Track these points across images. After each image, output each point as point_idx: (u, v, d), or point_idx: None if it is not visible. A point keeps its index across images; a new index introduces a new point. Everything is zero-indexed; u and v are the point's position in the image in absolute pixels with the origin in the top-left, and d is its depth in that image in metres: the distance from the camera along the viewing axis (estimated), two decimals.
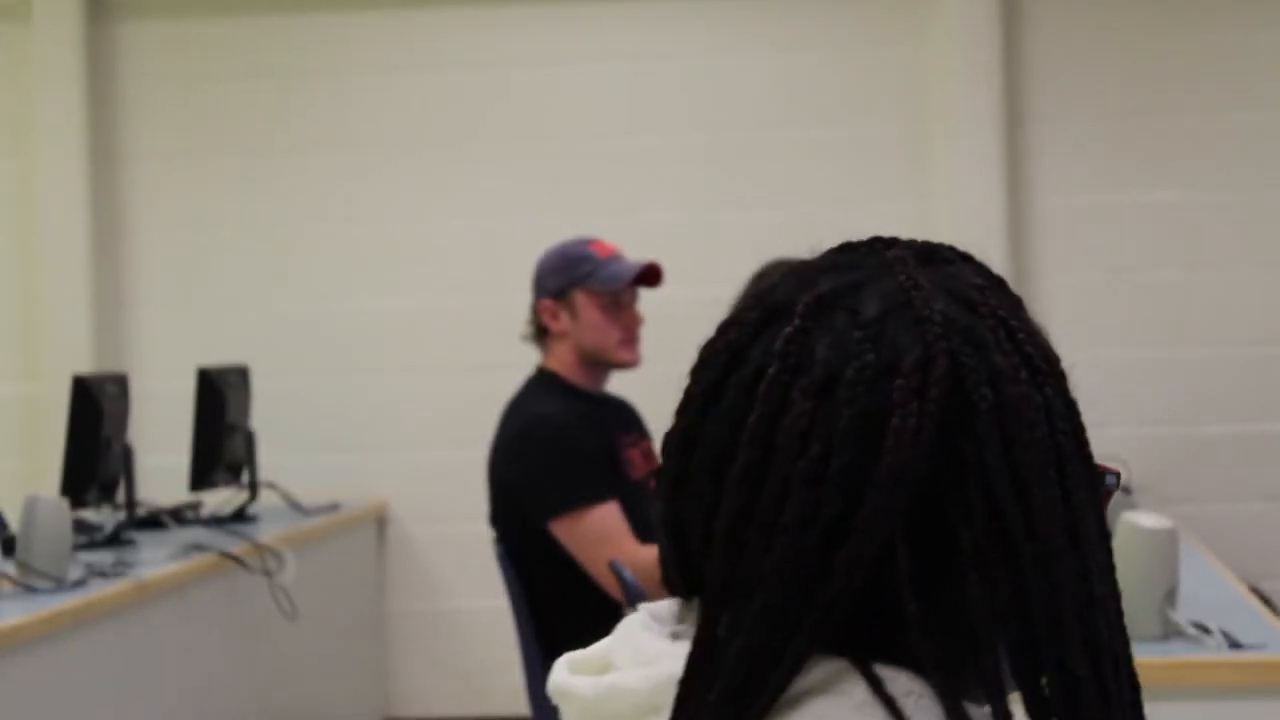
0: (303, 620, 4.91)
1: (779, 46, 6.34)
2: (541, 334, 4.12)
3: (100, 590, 3.99)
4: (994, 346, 1.03)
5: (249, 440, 5.54)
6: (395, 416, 6.39)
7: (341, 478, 6.27)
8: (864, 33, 6.30)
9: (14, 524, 4.15)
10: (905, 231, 4.88)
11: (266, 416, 5.82)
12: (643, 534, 3.94)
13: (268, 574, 4.74)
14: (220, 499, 5.52)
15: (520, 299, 6.46)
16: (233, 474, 5.50)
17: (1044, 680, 1.02)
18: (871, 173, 6.25)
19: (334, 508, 5.88)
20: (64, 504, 4.12)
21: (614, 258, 4.10)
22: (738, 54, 6.36)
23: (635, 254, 6.30)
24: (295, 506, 5.71)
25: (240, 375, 5.62)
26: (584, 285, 4.04)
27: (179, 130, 6.46)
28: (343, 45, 6.43)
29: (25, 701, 3.62)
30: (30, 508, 4.00)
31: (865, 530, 0.98)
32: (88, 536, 4.76)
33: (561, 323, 4.05)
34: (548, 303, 4.07)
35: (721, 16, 6.37)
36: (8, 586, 3.92)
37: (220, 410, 5.39)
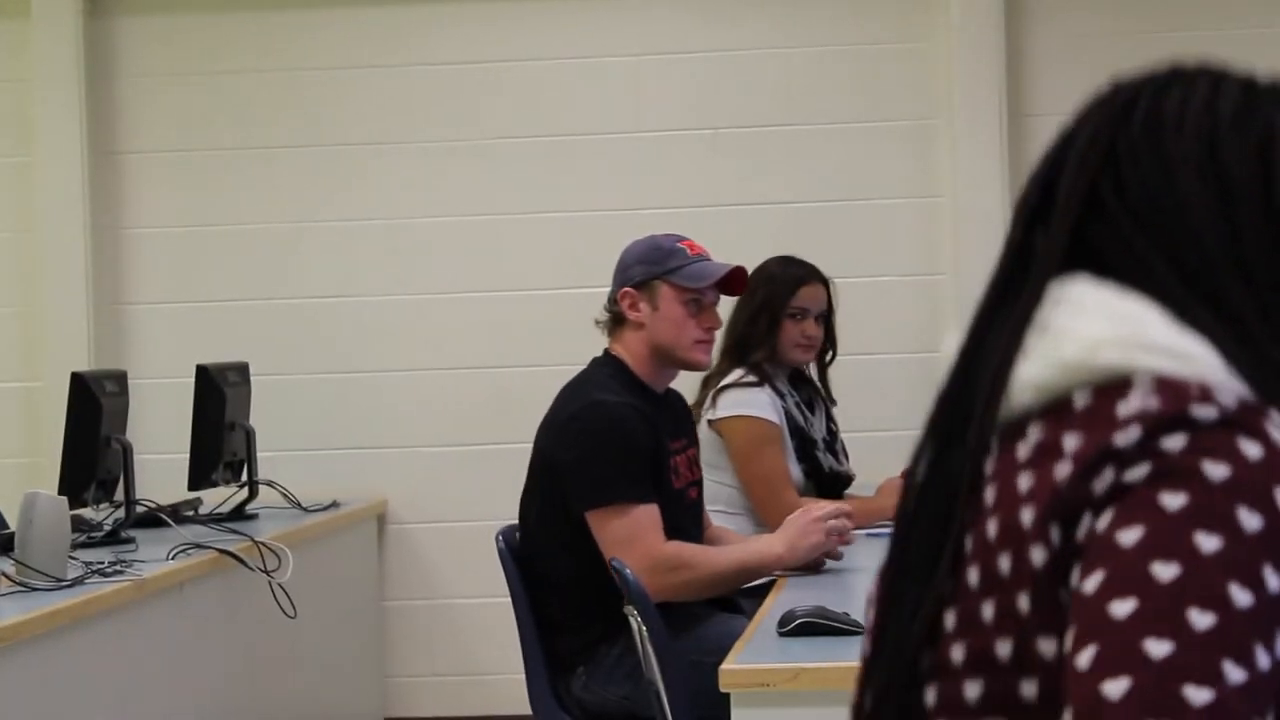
0: (302, 619, 4.89)
1: (782, 43, 6.32)
2: (616, 323, 4.08)
3: (99, 588, 3.97)
4: (1179, 98, 1.41)
5: (248, 438, 5.53)
6: (395, 415, 6.38)
7: (341, 476, 6.26)
8: (867, 30, 6.28)
9: (12, 522, 4.13)
10: (907, 229, 4.89)
11: (266, 414, 5.81)
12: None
13: (267, 572, 4.72)
14: (219, 497, 5.51)
15: (520, 297, 6.49)
16: (232, 472, 5.49)
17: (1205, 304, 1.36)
18: (875, 169, 6.24)
19: (333, 506, 5.88)
20: (62, 502, 4.11)
21: (702, 257, 4.07)
22: (741, 50, 6.35)
23: None
24: (295, 504, 5.71)
25: (240, 373, 5.61)
26: (669, 278, 4.01)
27: (178, 126, 6.45)
28: (341, 41, 6.41)
29: (24, 700, 3.61)
30: (29, 505, 3.99)
31: (1063, 197, 1.41)
32: (86, 534, 4.75)
33: (640, 313, 4.02)
34: (630, 291, 4.03)
35: (724, 13, 6.36)
36: (6, 585, 3.91)
37: (220, 408, 5.38)
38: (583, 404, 3.96)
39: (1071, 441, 1.30)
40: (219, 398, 5.39)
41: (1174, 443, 1.26)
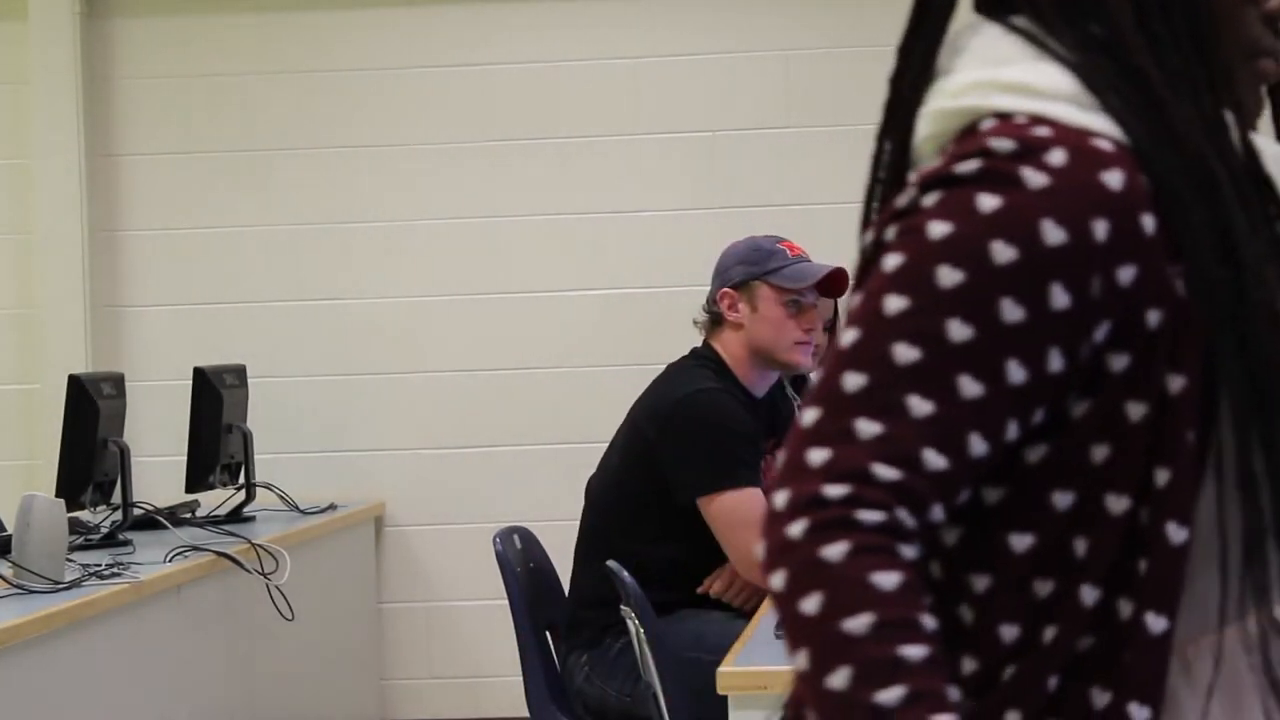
0: (300, 621, 4.89)
1: (782, 45, 6.32)
2: (715, 324, 4.07)
3: (96, 591, 3.97)
4: None
5: (246, 440, 5.52)
6: (392, 417, 6.37)
7: (338, 478, 6.25)
8: (867, 32, 6.28)
9: (10, 524, 4.13)
10: None
11: (263, 417, 5.81)
12: None
13: (265, 575, 4.72)
14: (217, 499, 5.51)
15: (518, 300, 6.48)
16: (229, 474, 5.48)
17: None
18: None
19: (331, 508, 5.87)
20: (60, 504, 4.11)
21: (802, 258, 4.05)
22: (740, 52, 6.35)
23: (632, 251, 6.30)
24: (292, 507, 5.70)
25: (237, 375, 5.61)
26: (769, 279, 3.99)
27: (175, 129, 6.44)
28: (338, 44, 6.41)
29: (21, 702, 3.60)
30: (26, 508, 3.99)
31: None
32: (84, 537, 4.75)
33: (740, 314, 4.01)
34: (729, 292, 4.02)
35: (724, 14, 6.35)
36: (3, 587, 3.91)
37: (217, 410, 5.38)
38: (688, 390, 3.95)
39: None
40: (216, 400, 5.39)
41: (967, 166, 1.28)
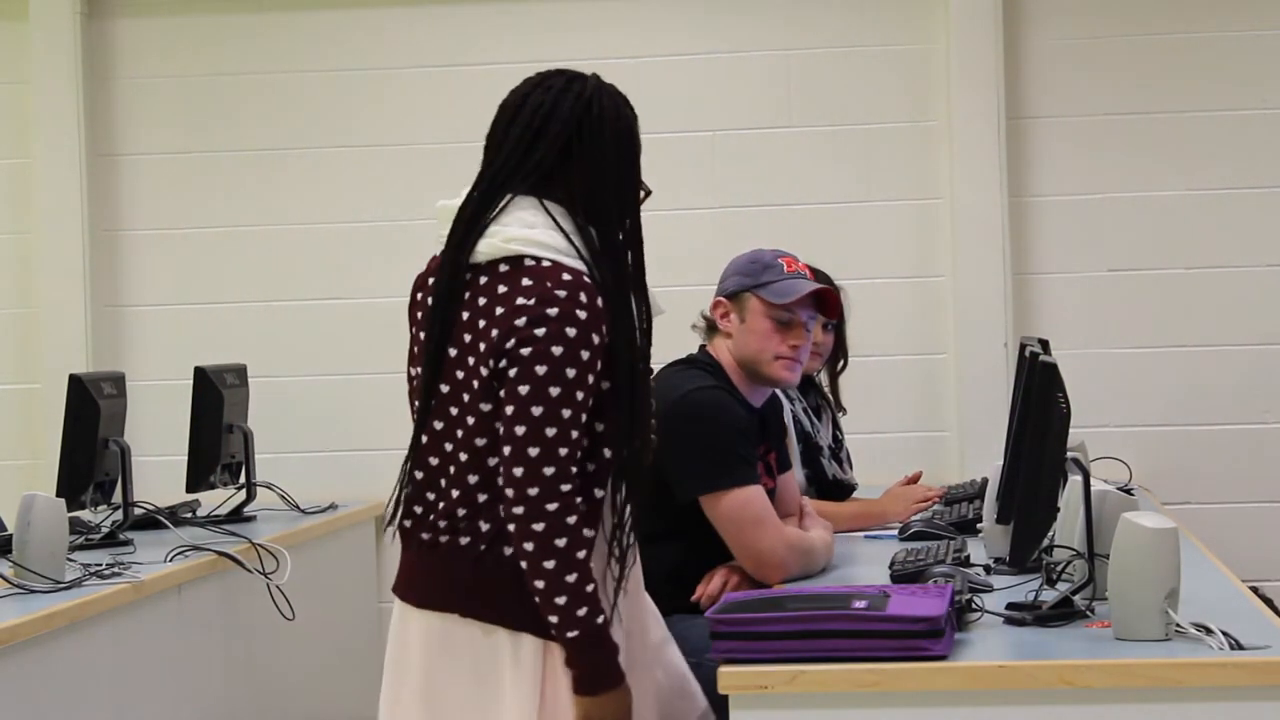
0: (300, 621, 4.89)
1: (781, 45, 6.32)
2: (711, 331, 4.09)
3: (97, 591, 3.97)
4: (610, 95, 2.99)
5: (246, 440, 5.52)
6: (393, 417, 6.32)
7: (339, 478, 6.26)
8: (866, 32, 6.28)
9: (10, 524, 4.13)
10: (905, 231, 4.94)
11: (264, 416, 5.81)
12: None
13: (265, 574, 4.72)
14: (217, 499, 5.51)
15: None
16: (230, 474, 5.49)
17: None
18: (872, 172, 6.24)
19: (332, 508, 5.87)
20: (60, 504, 4.11)
21: (797, 274, 4.05)
22: (740, 52, 6.35)
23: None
24: (293, 506, 5.71)
25: (238, 374, 5.61)
26: (758, 292, 4.00)
27: (175, 128, 6.45)
28: (338, 43, 6.41)
29: (21, 702, 3.60)
30: (26, 507, 3.99)
31: (549, 144, 2.88)
32: (84, 536, 4.75)
33: (730, 323, 4.03)
34: (722, 300, 4.05)
35: (724, 15, 6.36)
36: (4, 587, 3.91)
37: (218, 410, 5.38)
38: (685, 390, 3.95)
39: (502, 289, 2.75)
40: (217, 399, 5.39)
41: (540, 329, 2.66)
